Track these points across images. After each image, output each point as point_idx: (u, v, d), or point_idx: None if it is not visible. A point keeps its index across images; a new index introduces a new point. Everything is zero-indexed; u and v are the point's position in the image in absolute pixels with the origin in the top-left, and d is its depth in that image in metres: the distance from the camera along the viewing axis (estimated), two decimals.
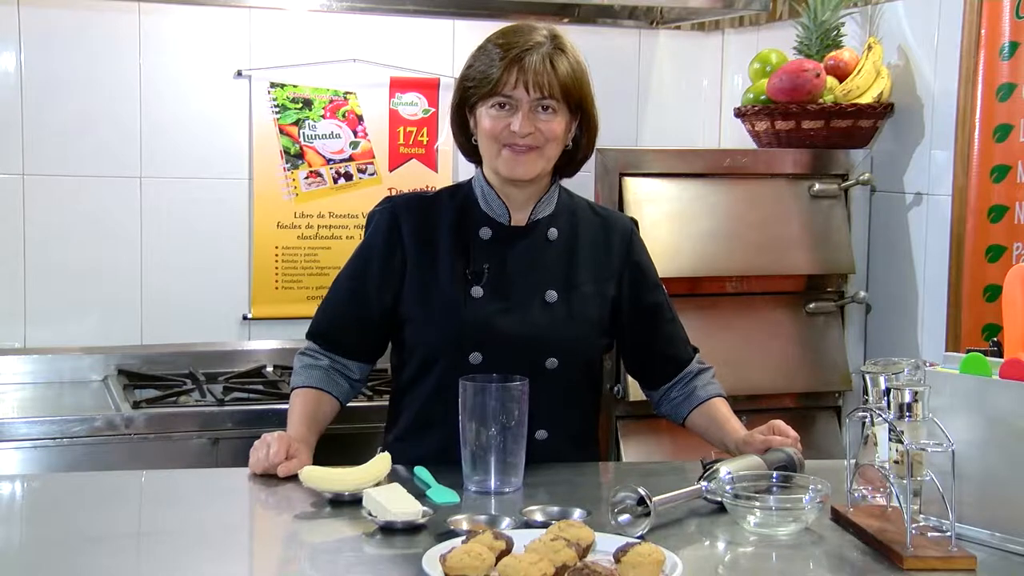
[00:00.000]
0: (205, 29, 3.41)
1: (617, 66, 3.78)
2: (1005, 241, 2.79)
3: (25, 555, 1.82)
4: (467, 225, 2.30)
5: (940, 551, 1.77)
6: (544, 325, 2.26)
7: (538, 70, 2.18)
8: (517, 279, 2.27)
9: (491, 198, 2.30)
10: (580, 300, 2.29)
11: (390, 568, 1.78)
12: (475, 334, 2.23)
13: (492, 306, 2.25)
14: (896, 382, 1.90)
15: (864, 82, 3.09)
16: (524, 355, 2.23)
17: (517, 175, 2.24)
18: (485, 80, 2.20)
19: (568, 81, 2.21)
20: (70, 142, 3.32)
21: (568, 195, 2.38)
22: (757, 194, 3.08)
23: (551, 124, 2.21)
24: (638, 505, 1.88)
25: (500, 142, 2.22)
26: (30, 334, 3.31)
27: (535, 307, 2.27)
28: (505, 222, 2.30)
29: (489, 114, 2.21)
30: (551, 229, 2.31)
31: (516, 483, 2.08)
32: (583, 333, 2.29)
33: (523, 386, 2.07)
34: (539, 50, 2.19)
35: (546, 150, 2.23)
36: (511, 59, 2.18)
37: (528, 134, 2.19)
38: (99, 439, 2.82)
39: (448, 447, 2.14)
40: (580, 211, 2.37)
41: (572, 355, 2.28)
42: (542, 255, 2.30)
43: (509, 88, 2.19)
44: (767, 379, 3.06)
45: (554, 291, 2.28)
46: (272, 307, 3.48)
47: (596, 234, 2.35)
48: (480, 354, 2.23)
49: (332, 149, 3.53)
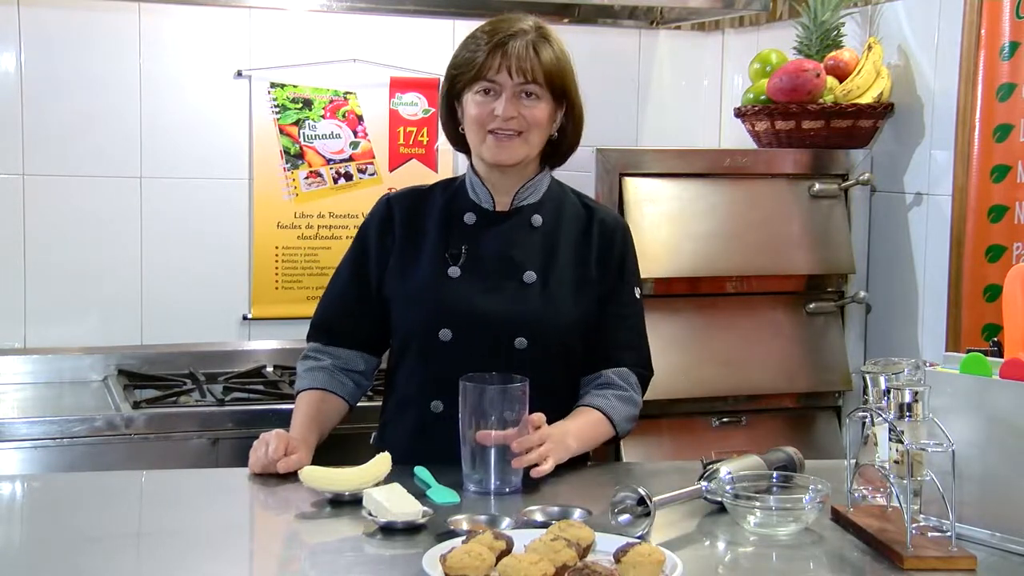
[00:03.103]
0: (205, 29, 3.41)
1: (617, 66, 3.78)
2: (1005, 241, 2.79)
3: (25, 555, 1.82)
4: (453, 212, 2.34)
5: (940, 551, 1.77)
6: (515, 304, 2.27)
7: (521, 55, 2.22)
8: (495, 260, 2.30)
9: (477, 186, 2.34)
10: (559, 283, 2.30)
11: (390, 568, 1.78)
12: (447, 312, 2.26)
13: (468, 285, 2.28)
14: (896, 382, 1.90)
15: (864, 82, 3.09)
16: (492, 333, 2.25)
17: (500, 160, 2.27)
18: (470, 65, 2.25)
19: (551, 68, 2.24)
20: (70, 142, 3.32)
21: (559, 186, 2.40)
22: (757, 194, 3.08)
23: (534, 110, 2.24)
24: (638, 505, 1.88)
25: (485, 128, 2.25)
26: (30, 334, 3.31)
27: (511, 288, 2.28)
28: (489, 208, 2.33)
29: (475, 100, 2.26)
30: (535, 215, 2.34)
31: (516, 483, 2.08)
32: (554, 313, 2.29)
33: (523, 386, 2.08)
34: (523, 37, 2.24)
35: (530, 136, 2.26)
36: (495, 44, 2.23)
37: (511, 118, 2.23)
38: (99, 439, 2.82)
39: (425, 425, 2.23)
40: (569, 202, 2.39)
41: (542, 335, 2.27)
42: (524, 239, 2.32)
43: (493, 72, 2.23)
44: (767, 379, 3.06)
45: (533, 272, 2.29)
46: (272, 307, 3.48)
47: (582, 224, 2.36)
48: (449, 331, 2.25)
49: (332, 149, 3.53)
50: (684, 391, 2.97)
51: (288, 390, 3.04)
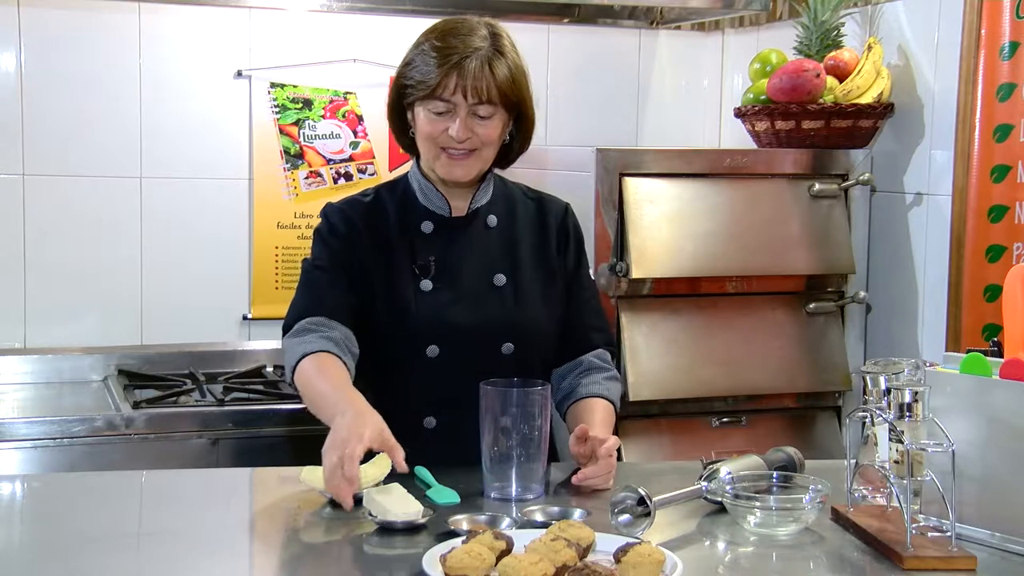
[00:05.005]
0: (205, 29, 3.41)
1: (617, 66, 3.79)
2: (1005, 241, 2.79)
3: (25, 555, 1.82)
4: (409, 221, 2.30)
5: (940, 551, 1.77)
6: (496, 311, 2.27)
7: (476, 75, 2.17)
8: (463, 268, 2.29)
9: (429, 191, 2.31)
10: (527, 280, 2.31)
11: (390, 568, 1.79)
12: (429, 328, 2.24)
13: (442, 297, 2.26)
14: (896, 382, 1.90)
15: (864, 82, 3.09)
16: (480, 343, 2.24)
17: (455, 177, 2.26)
18: (423, 84, 2.19)
19: (506, 86, 2.20)
20: (70, 142, 3.32)
21: (502, 182, 2.40)
22: (757, 194, 3.08)
23: (487, 128, 2.21)
24: (638, 505, 1.88)
25: (438, 145, 2.22)
26: (30, 334, 3.31)
27: (484, 293, 2.28)
28: (445, 214, 2.31)
29: (427, 117, 2.21)
30: (490, 216, 2.33)
31: (537, 490, 2.05)
32: (534, 314, 2.30)
33: (545, 391, 2.06)
34: (477, 55, 2.17)
35: (483, 152, 2.24)
36: (450, 65, 2.17)
37: (466, 139, 2.20)
38: (99, 439, 2.82)
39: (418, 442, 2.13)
40: (515, 196, 2.39)
41: (527, 337, 2.28)
42: (485, 242, 2.31)
43: (448, 93, 2.18)
44: (767, 379, 3.06)
45: (502, 274, 2.29)
46: (272, 307, 3.48)
47: (532, 215, 2.37)
48: (436, 347, 2.23)
49: (332, 149, 3.53)
50: (684, 391, 2.97)
51: (288, 390, 3.04)
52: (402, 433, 2.19)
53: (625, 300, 2.96)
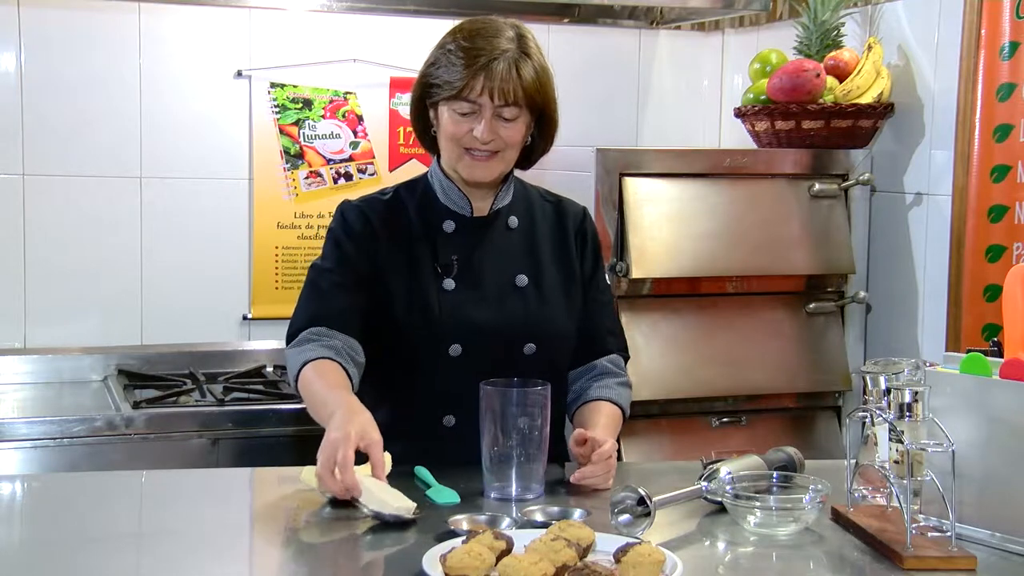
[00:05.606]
0: (205, 29, 3.41)
1: (617, 66, 3.79)
2: (1005, 241, 2.79)
3: (25, 555, 1.82)
4: (430, 220, 2.30)
5: (940, 551, 1.77)
6: (518, 311, 2.27)
7: (504, 78, 2.16)
8: (486, 268, 2.28)
9: (451, 191, 2.30)
10: (549, 281, 2.31)
11: (390, 568, 1.79)
12: (451, 327, 2.23)
13: (464, 297, 2.25)
14: (896, 382, 1.90)
15: (864, 82, 3.09)
16: (502, 343, 2.24)
17: (477, 178, 2.25)
18: (449, 85, 2.19)
19: (532, 88, 2.20)
20: (70, 142, 3.32)
21: (521, 184, 2.39)
22: (757, 194, 3.08)
23: (511, 131, 2.21)
24: (638, 505, 1.88)
25: (462, 145, 2.22)
26: (30, 334, 3.31)
27: (507, 294, 2.28)
28: (467, 214, 2.31)
29: (452, 117, 2.21)
30: (511, 217, 2.33)
31: (537, 490, 2.05)
32: (556, 314, 2.30)
33: (545, 391, 2.06)
34: (505, 57, 2.17)
35: (506, 154, 2.24)
36: (478, 67, 2.16)
37: (490, 140, 2.20)
38: (99, 439, 2.82)
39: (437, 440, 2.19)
40: (534, 198, 2.39)
41: (548, 337, 2.28)
42: (506, 243, 2.31)
43: (475, 95, 2.17)
44: (767, 379, 3.06)
45: (524, 275, 2.29)
46: (272, 307, 3.48)
47: (551, 218, 2.37)
48: (459, 346, 2.23)
49: (332, 149, 3.53)
50: (684, 391, 2.97)
51: (288, 390, 3.04)
52: (421, 431, 2.23)
53: (625, 300, 2.96)
